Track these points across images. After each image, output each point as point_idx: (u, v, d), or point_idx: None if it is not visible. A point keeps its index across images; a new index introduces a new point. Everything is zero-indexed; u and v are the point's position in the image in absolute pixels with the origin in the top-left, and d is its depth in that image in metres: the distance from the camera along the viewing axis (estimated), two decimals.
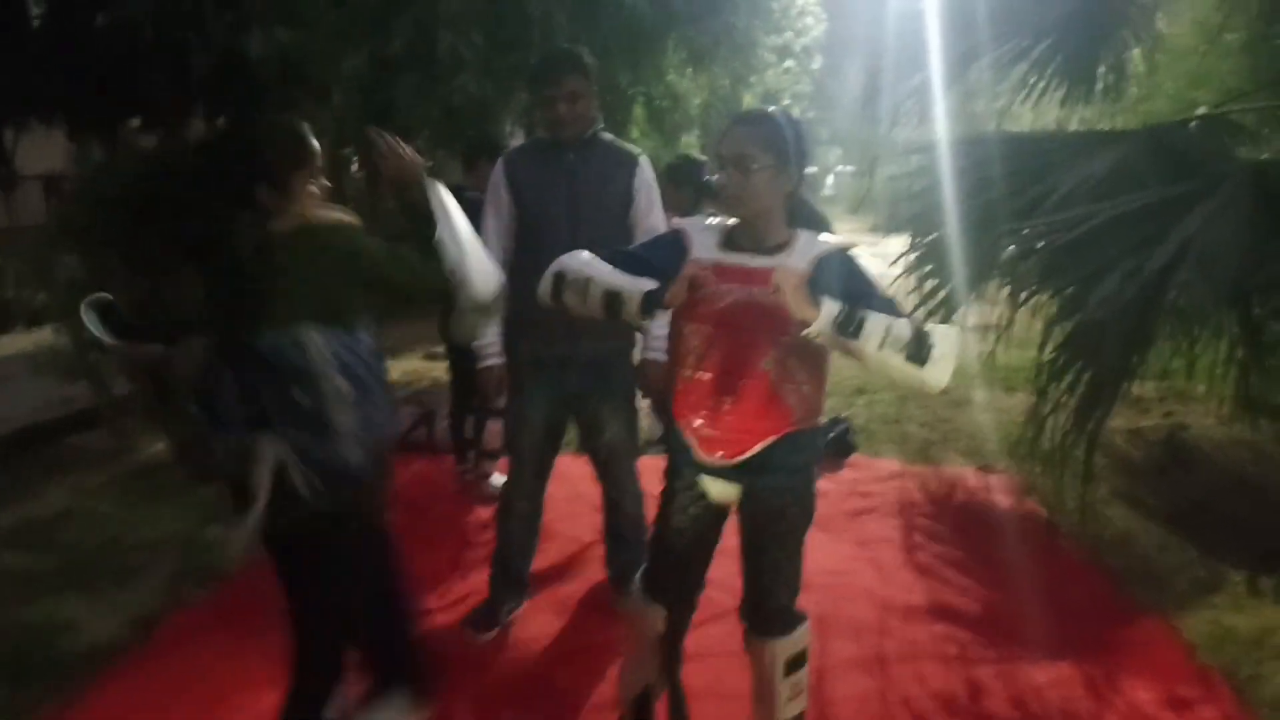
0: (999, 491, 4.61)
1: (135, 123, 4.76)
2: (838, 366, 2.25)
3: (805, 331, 1.92)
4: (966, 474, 4.85)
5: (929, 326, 1.94)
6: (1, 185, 3.82)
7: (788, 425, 2.08)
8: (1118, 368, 3.35)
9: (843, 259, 2.08)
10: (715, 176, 2.15)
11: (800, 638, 2.27)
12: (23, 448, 5.10)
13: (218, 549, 3.71)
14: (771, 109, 2.14)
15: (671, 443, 2.26)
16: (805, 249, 2.09)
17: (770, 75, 17.82)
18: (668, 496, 2.28)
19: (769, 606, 2.25)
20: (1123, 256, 3.33)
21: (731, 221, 2.18)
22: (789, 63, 20.42)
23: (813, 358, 2.08)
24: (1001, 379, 6.41)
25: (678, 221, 2.29)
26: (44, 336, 5.56)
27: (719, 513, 2.25)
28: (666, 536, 2.29)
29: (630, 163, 3.06)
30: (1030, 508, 4.37)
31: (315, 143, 1.97)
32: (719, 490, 2.19)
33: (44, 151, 8.66)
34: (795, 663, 2.26)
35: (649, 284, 2.07)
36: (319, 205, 1.97)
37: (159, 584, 3.49)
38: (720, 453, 2.11)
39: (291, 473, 1.79)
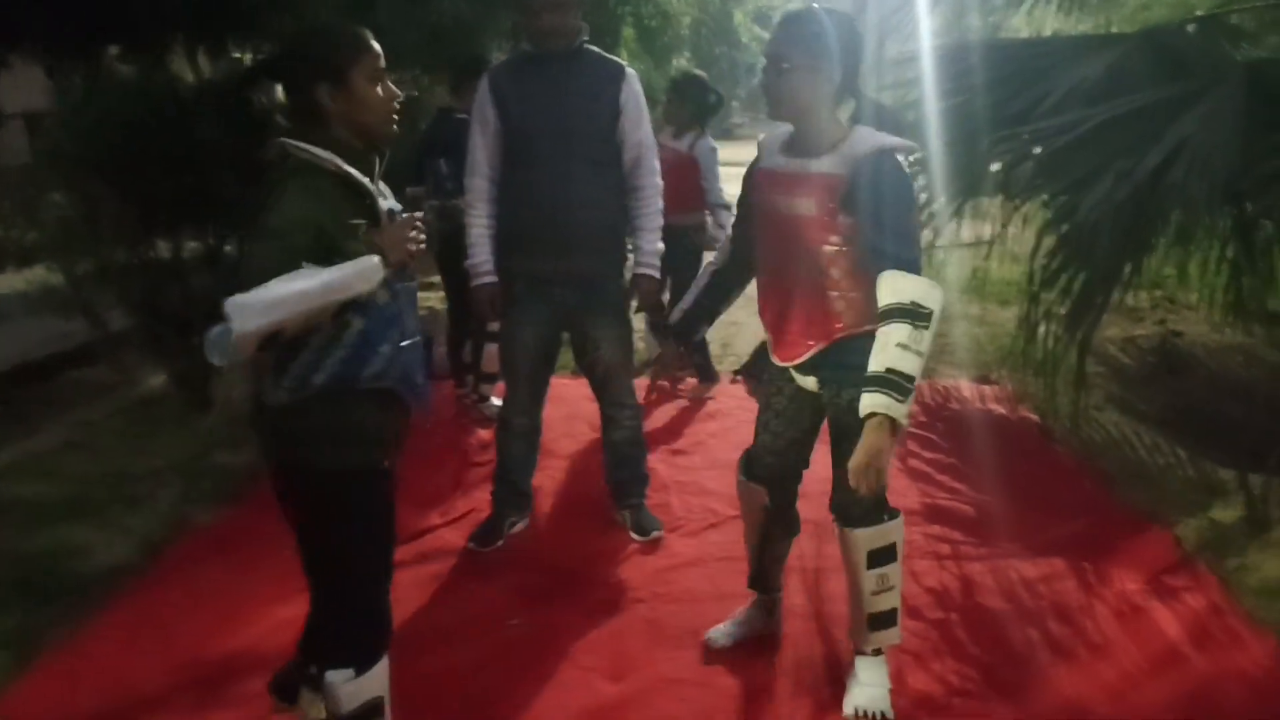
0: (993, 400, 4.66)
1: (114, 51, 4.66)
2: None
3: (865, 414, 1.92)
4: (961, 385, 4.89)
5: (915, 299, 1.91)
6: None
7: (836, 332, 2.14)
8: (1110, 271, 3.36)
9: (881, 166, 2.04)
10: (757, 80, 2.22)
11: (888, 531, 2.29)
12: (22, 384, 5.12)
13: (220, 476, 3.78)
14: (815, 6, 2.10)
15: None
16: (851, 148, 2.06)
17: None
18: (766, 381, 2.42)
19: (850, 500, 2.21)
20: (1116, 159, 3.31)
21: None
22: None
23: (858, 265, 2.08)
24: (995, 293, 6.43)
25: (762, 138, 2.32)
26: (36, 275, 5.53)
27: (813, 400, 2.31)
28: (765, 417, 2.41)
29: (618, 74, 3.02)
30: (1024, 415, 4.42)
31: (372, 41, 1.85)
32: (802, 380, 2.29)
33: (24, 90, 8.50)
34: (882, 556, 2.28)
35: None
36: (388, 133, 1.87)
37: (165, 510, 3.54)
38: (778, 356, 2.27)
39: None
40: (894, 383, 1.88)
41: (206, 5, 4.28)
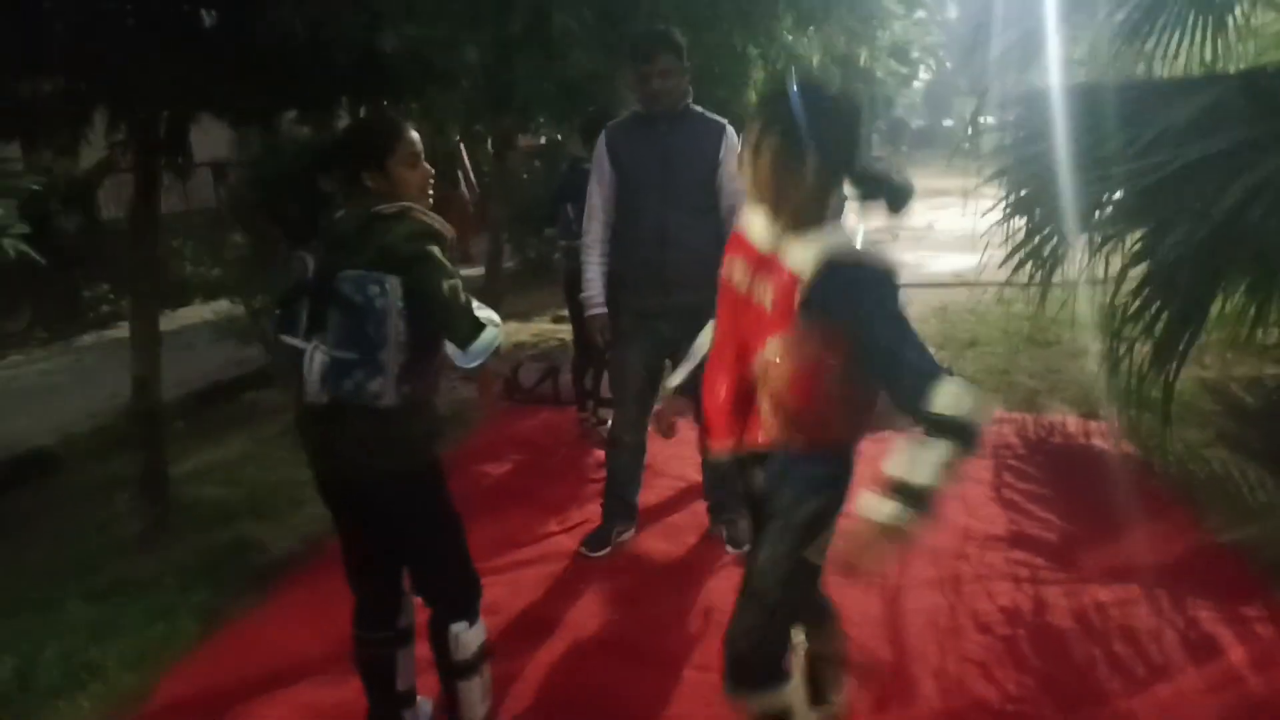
0: (1097, 436, 4.72)
1: (291, 115, 5.33)
2: (955, 318, 2.33)
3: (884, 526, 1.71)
4: (1066, 420, 4.96)
5: (970, 418, 1.70)
6: (179, 174, 4.43)
7: (769, 440, 1.91)
8: (1192, 309, 3.46)
9: (856, 275, 1.78)
10: None
11: (779, 698, 2.01)
12: (208, 403, 5.88)
13: None
14: (795, 85, 1.81)
15: None
16: (819, 248, 1.80)
17: (898, 27, 17.37)
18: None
19: (738, 649, 2.02)
20: (1200, 199, 3.42)
21: None
22: (920, 13, 19.82)
23: (802, 378, 1.81)
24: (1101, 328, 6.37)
25: None
26: (220, 307, 6.32)
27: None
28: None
29: (718, 132, 3.38)
30: (1126, 450, 4.46)
31: (408, 132, 2.24)
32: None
33: (211, 141, 9.57)
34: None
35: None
36: (425, 208, 2.24)
37: (325, 511, 4.03)
38: (709, 438, 2.05)
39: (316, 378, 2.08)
40: (921, 501, 1.70)
41: (368, 72, 4.89)
